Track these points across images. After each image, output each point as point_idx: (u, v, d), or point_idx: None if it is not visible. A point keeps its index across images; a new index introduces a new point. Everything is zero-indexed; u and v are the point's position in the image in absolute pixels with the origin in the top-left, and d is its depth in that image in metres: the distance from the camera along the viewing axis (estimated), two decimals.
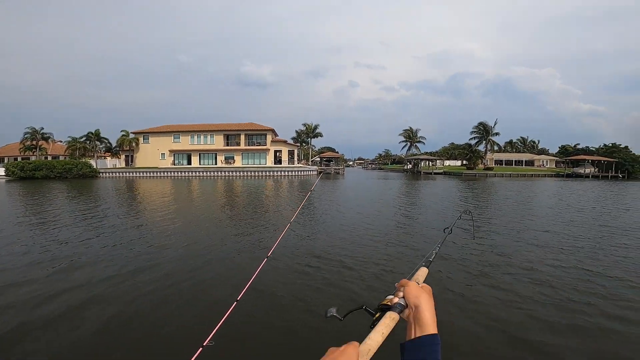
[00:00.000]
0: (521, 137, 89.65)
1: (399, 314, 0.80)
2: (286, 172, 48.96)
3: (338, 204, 19.54)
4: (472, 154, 67.89)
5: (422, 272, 1.07)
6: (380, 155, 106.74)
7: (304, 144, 72.77)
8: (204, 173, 48.36)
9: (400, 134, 79.59)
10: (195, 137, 58.01)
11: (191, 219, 14.46)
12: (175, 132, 57.91)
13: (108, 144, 59.55)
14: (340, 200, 21.66)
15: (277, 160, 57.79)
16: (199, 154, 57.38)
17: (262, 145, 58.57)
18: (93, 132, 55.84)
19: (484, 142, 68.86)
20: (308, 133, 70.34)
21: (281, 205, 20.05)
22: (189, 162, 57.41)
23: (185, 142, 57.69)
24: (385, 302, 0.82)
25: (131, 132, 58.25)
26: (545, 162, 72.33)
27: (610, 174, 59.11)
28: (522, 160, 71.66)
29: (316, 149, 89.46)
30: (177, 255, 8.58)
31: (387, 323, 0.77)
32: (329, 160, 63.97)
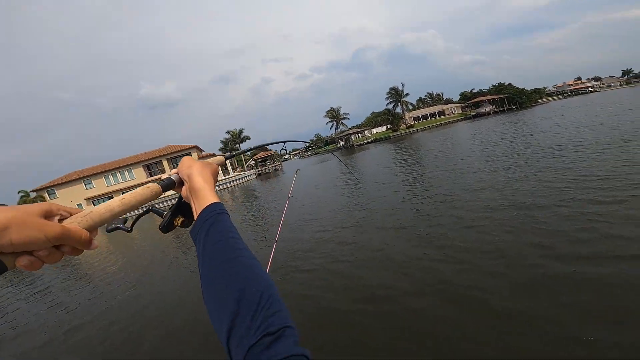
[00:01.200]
0: (428, 93, 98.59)
1: (163, 187, 0.69)
2: (225, 185, 46.76)
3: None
4: (393, 117, 72.64)
5: (218, 158, 0.95)
6: (312, 140, 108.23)
7: (234, 152, 70.22)
8: (134, 212, 43.56)
9: (324, 116, 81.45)
10: (111, 176, 51.86)
11: (161, 268, 12.98)
12: (86, 177, 51.05)
13: None
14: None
15: None
16: (122, 193, 51.47)
17: None
18: None
19: (399, 104, 74.24)
20: (235, 140, 67.99)
21: (254, 216, 19.12)
22: None
23: (100, 186, 51.27)
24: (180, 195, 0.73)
25: (31, 191, 49.87)
26: (453, 110, 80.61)
27: (505, 108, 68.35)
28: (435, 113, 78.84)
29: (248, 153, 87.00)
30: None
31: (137, 191, 0.65)
32: (264, 160, 62.75)
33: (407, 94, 74.52)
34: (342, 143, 73.05)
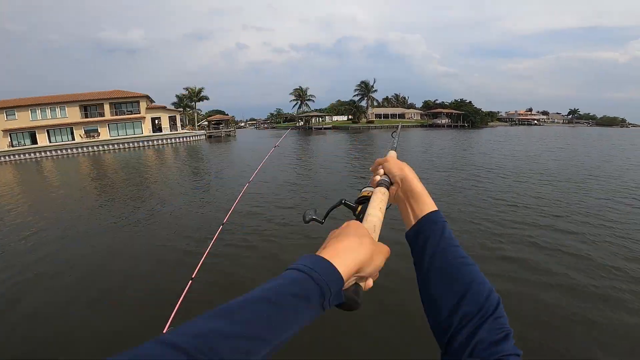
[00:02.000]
0: (395, 94, 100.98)
1: (387, 188, 0.69)
2: (169, 140, 43.89)
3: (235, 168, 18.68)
4: (356, 109, 73.44)
5: (392, 154, 0.88)
6: (272, 114, 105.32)
7: (187, 109, 66.07)
8: (58, 152, 39.17)
9: (290, 93, 79.70)
10: (39, 111, 45.57)
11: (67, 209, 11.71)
12: (9, 107, 44.33)
13: None
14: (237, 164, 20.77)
15: (157, 128, 51.02)
16: (47, 131, 45.58)
17: (135, 113, 50.32)
18: None
19: (366, 98, 75.20)
20: (191, 97, 63.65)
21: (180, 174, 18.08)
22: (34, 142, 45.34)
23: (24, 119, 44.87)
24: (363, 194, 0.70)
25: None
26: (413, 115, 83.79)
27: (459, 124, 72.66)
28: (396, 114, 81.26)
29: (203, 113, 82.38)
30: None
31: (380, 198, 0.66)
32: (218, 123, 59.87)
33: (375, 90, 75.76)
34: (301, 123, 72.42)
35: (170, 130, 50.34)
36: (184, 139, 45.26)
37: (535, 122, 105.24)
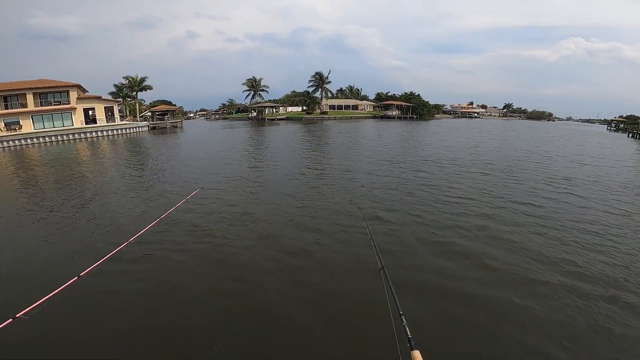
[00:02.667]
0: (349, 86, 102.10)
1: None
2: (106, 132, 40.14)
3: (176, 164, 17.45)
4: (310, 100, 73.12)
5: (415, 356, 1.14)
6: (224, 105, 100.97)
7: (128, 99, 60.82)
8: None
9: (243, 84, 76.88)
10: None
11: None
12: None
13: None
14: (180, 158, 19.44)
15: (91, 120, 46.41)
16: None
17: (65, 104, 45.23)
18: None
19: (320, 89, 75.17)
20: (132, 87, 58.48)
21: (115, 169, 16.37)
22: None
23: None
24: None
25: None
26: (366, 107, 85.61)
27: (408, 115, 75.75)
28: (350, 105, 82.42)
29: (146, 103, 76.41)
30: None
31: None
32: (164, 113, 55.89)
33: (329, 82, 75.94)
34: (254, 114, 70.42)
35: (107, 122, 46.09)
36: (123, 130, 41.65)
37: (476, 115, 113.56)
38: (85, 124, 44.94)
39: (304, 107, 75.01)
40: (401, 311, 2.03)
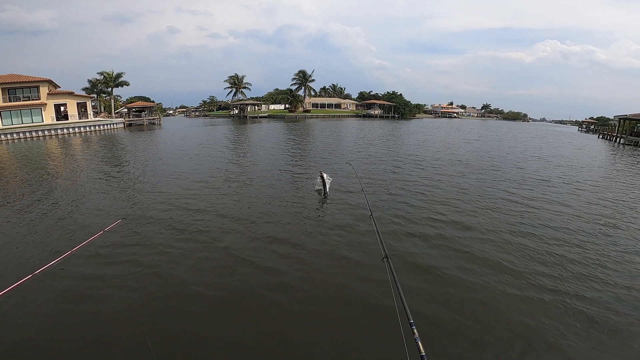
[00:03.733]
0: (332, 84, 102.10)
1: None
2: (78, 129, 38.51)
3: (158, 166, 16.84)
4: (293, 98, 72.61)
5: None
6: (205, 102, 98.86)
7: (102, 95, 58.55)
8: None
9: (225, 81, 75.43)
10: None
11: None
12: None
13: None
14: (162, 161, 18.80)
15: (62, 116, 44.57)
16: None
17: (35, 99, 43.28)
18: None
19: (303, 87, 74.70)
20: (107, 82, 56.25)
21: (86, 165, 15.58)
22: None
23: None
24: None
25: None
26: (348, 105, 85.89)
27: (390, 115, 76.54)
28: (333, 104, 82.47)
29: (123, 99, 73.78)
30: None
31: None
32: (141, 110, 54.03)
33: (313, 80, 75.53)
34: (235, 111, 69.26)
35: (80, 118, 44.27)
36: (97, 127, 40.08)
37: (455, 115, 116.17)
38: (57, 120, 43.04)
39: (287, 105, 74.47)
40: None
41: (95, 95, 55.77)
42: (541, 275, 5.21)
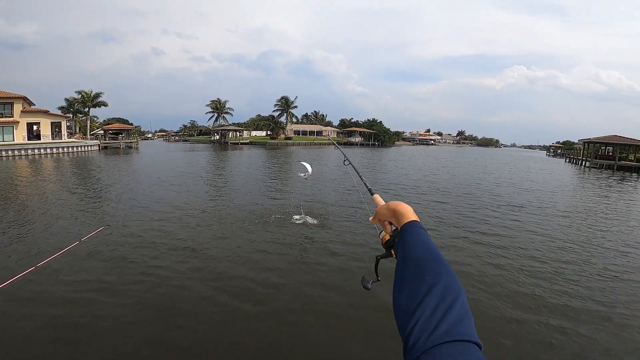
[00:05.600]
0: (314, 111, 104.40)
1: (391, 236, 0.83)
2: (50, 150, 37.04)
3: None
4: (275, 125, 73.37)
5: (376, 199, 1.04)
6: (185, 126, 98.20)
7: (79, 115, 57.06)
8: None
9: (207, 105, 75.51)
10: None
11: None
12: None
13: None
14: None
15: (34, 135, 42.94)
16: None
17: (7, 116, 41.71)
18: None
19: (285, 114, 75.79)
20: (85, 102, 55.08)
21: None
22: None
23: None
24: (385, 239, 0.84)
25: None
26: (330, 133, 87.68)
27: (371, 142, 78.67)
28: (314, 131, 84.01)
29: (100, 120, 72.19)
30: None
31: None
32: (118, 132, 52.90)
33: (295, 106, 76.97)
34: (217, 137, 69.02)
35: (53, 139, 42.76)
36: (70, 149, 38.72)
37: (432, 142, 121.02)
38: (28, 139, 41.39)
39: (268, 132, 75.08)
40: None
41: (71, 115, 54.33)
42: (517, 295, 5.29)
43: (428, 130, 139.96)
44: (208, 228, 8.60)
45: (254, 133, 77.35)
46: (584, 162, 38.55)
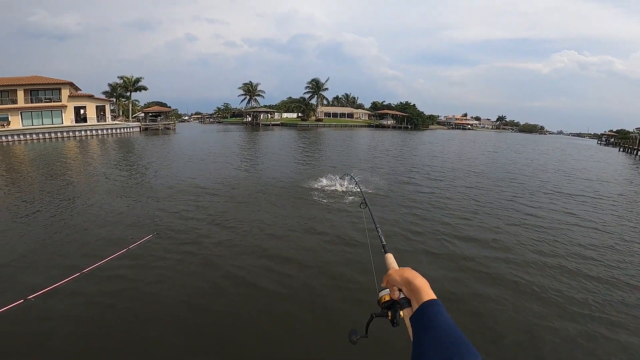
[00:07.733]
0: (345, 94, 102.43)
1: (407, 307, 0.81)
2: (95, 131, 39.44)
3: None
4: (306, 107, 72.99)
5: (389, 259, 1.04)
6: (219, 109, 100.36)
7: (121, 99, 60.11)
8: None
9: (239, 88, 76.47)
10: None
11: None
12: None
13: None
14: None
15: (81, 119, 45.74)
16: None
17: (56, 101, 44.62)
18: None
19: (316, 96, 74.95)
20: (127, 87, 57.76)
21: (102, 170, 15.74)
22: None
23: None
24: (384, 299, 0.85)
25: None
26: (361, 115, 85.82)
27: (403, 125, 76.09)
28: (345, 113, 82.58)
29: (140, 104, 75.61)
30: None
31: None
32: (157, 115, 55.18)
33: (326, 89, 75.79)
34: (249, 119, 69.97)
35: (98, 121, 45.35)
36: (114, 130, 40.94)
37: (469, 126, 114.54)
38: (76, 122, 44.20)
39: (299, 114, 74.89)
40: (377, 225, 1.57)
41: (114, 99, 57.30)
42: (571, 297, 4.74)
43: (465, 115, 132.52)
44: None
45: (285, 115, 77.47)
46: None
